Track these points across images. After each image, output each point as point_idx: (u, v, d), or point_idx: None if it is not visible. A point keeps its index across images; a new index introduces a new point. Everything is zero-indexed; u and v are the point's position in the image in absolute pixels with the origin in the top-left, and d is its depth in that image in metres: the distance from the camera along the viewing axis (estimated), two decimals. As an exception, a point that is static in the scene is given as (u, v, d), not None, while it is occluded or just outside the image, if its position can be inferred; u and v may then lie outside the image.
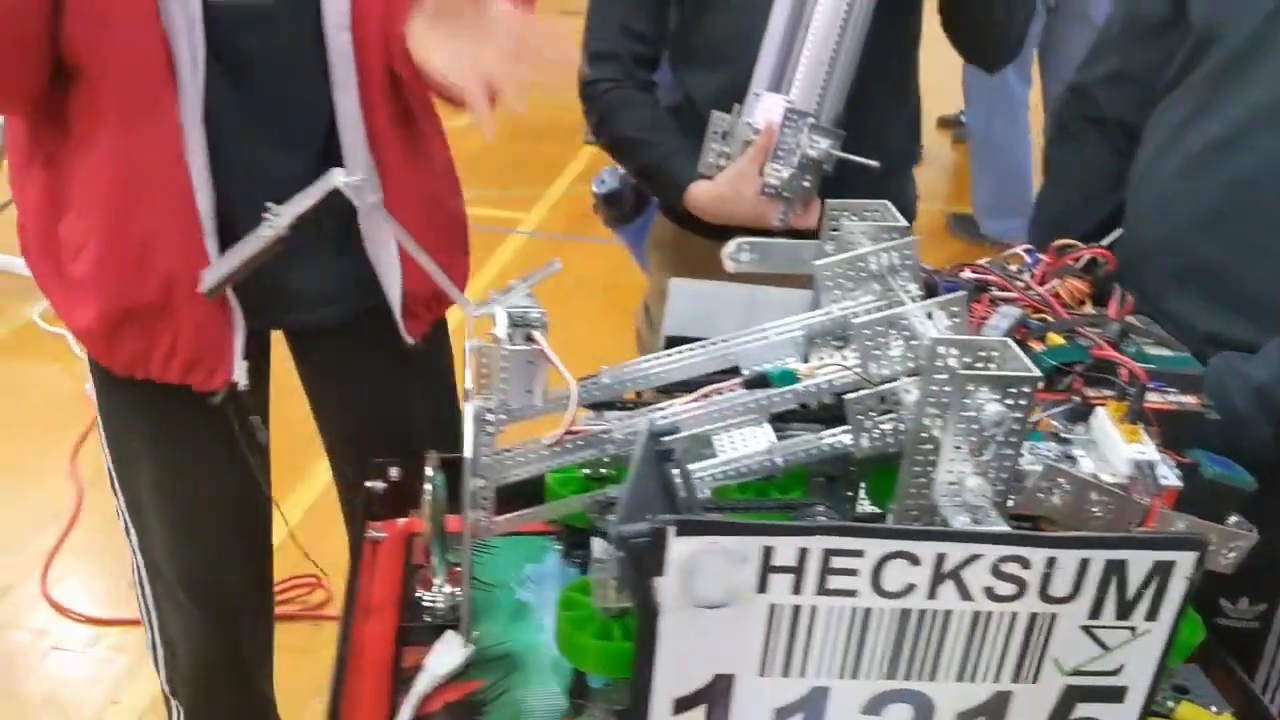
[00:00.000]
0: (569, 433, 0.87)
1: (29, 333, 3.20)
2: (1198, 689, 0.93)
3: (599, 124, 1.60)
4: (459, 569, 1.04)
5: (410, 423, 1.51)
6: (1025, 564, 0.68)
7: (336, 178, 0.80)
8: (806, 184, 1.41)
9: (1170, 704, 0.88)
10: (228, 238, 1.23)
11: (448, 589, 1.04)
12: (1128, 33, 1.33)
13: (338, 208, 1.27)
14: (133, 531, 1.49)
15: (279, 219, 0.82)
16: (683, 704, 0.71)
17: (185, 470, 1.42)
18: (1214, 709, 0.90)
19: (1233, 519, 0.85)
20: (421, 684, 0.96)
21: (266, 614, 1.68)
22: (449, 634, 1.00)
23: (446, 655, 0.98)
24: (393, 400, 1.49)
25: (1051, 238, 1.00)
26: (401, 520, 1.17)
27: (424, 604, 1.04)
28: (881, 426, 0.86)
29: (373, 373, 1.48)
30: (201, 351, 1.26)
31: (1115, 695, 0.73)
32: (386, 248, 1.32)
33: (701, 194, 1.47)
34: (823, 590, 0.68)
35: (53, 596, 2.34)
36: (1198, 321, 1.15)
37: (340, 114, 1.25)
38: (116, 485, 1.47)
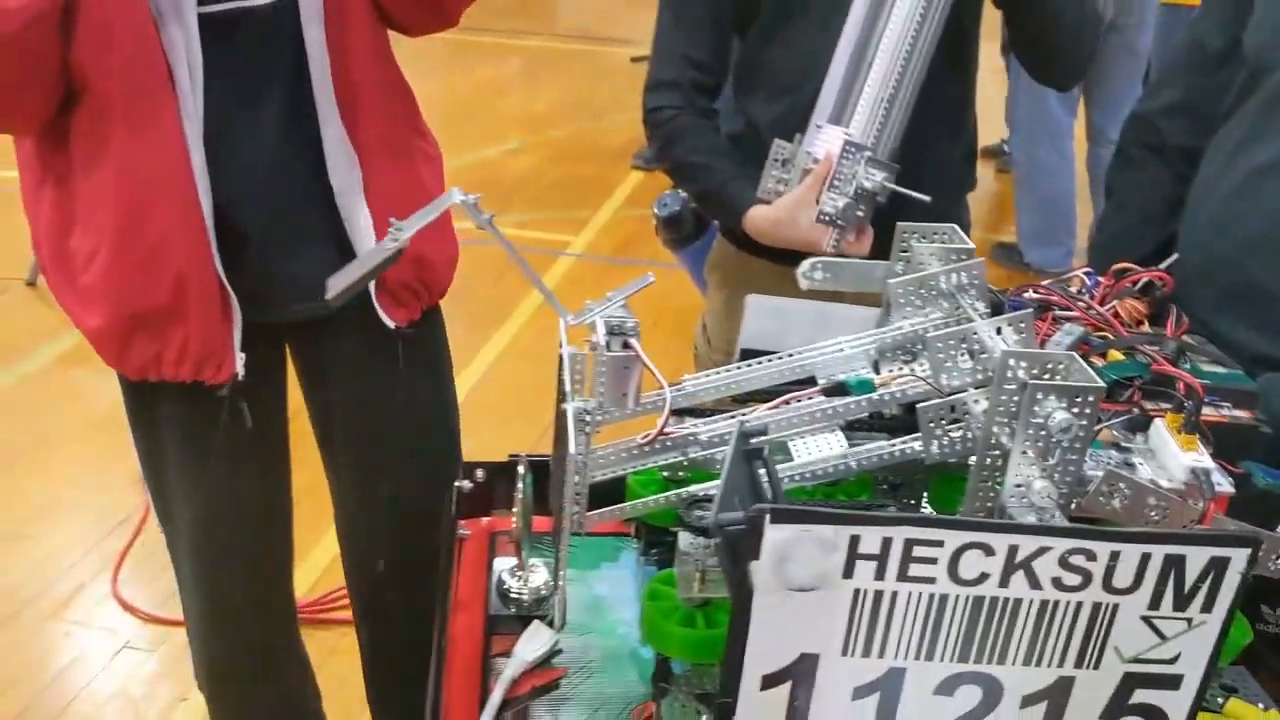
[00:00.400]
0: (661, 434, 0.94)
1: (94, 344, 3.32)
2: (1245, 689, 0.98)
3: (661, 149, 1.67)
4: (533, 564, 1.12)
5: (401, 409, 1.56)
6: (1091, 556, 0.73)
7: (455, 196, 0.87)
8: (860, 214, 1.47)
9: (1220, 700, 0.93)
10: (228, 236, 1.31)
11: (533, 582, 1.11)
12: (1188, 64, 1.40)
13: (322, 201, 1.35)
14: (162, 528, 1.56)
15: (402, 233, 0.90)
16: (770, 680, 0.77)
17: (201, 466, 1.48)
18: (1261, 706, 0.95)
19: (1282, 528, 0.91)
20: (511, 669, 1.03)
21: (287, 613, 1.74)
22: (536, 623, 1.06)
23: (534, 642, 1.05)
24: (384, 387, 1.54)
25: (1111, 260, 1.06)
26: (484, 519, 1.24)
27: (511, 596, 1.11)
28: (951, 434, 0.93)
29: (364, 359, 1.53)
30: (210, 347, 1.33)
31: (1172, 683, 0.78)
32: (366, 237, 1.38)
33: (759, 218, 1.54)
34: (904, 577, 0.74)
35: (123, 596, 2.42)
36: (1244, 342, 1.20)
37: (319, 109, 1.33)
38: (147, 485, 1.54)
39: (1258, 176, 1.23)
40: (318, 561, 2.49)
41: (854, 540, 0.73)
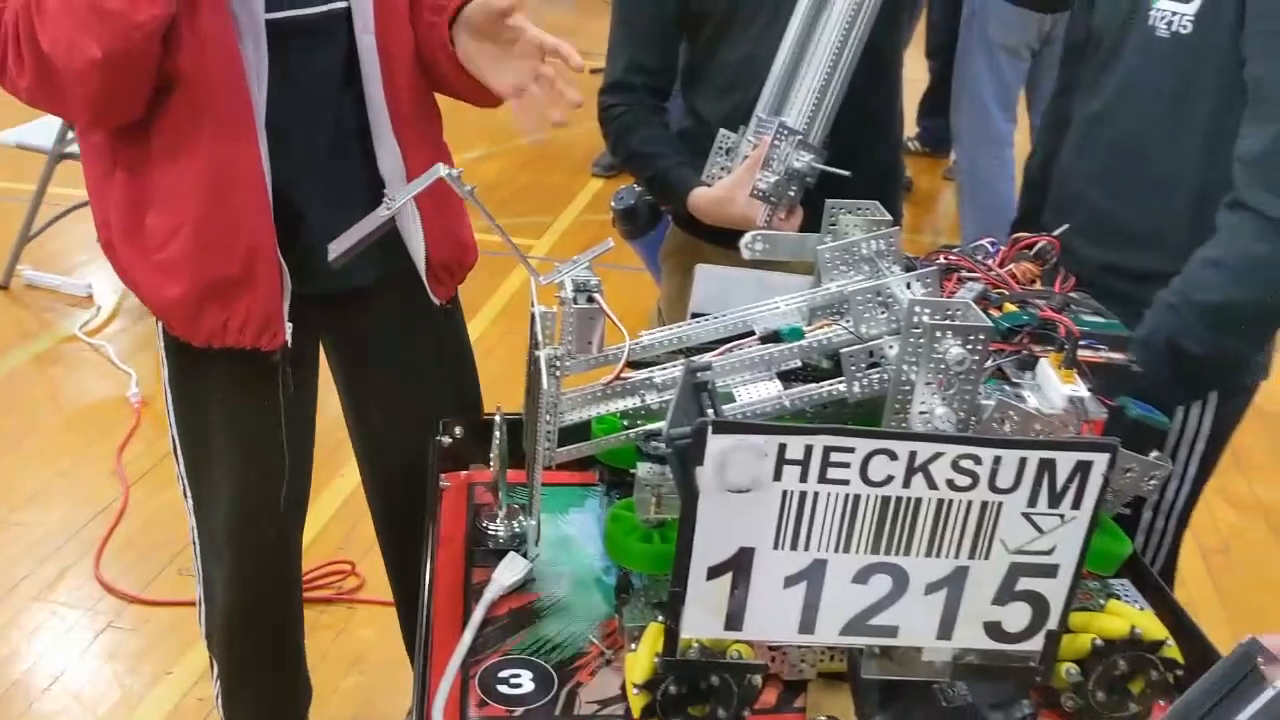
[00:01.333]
0: (618, 378, 1.08)
1: (72, 345, 3.42)
2: (1127, 596, 1.13)
3: (615, 142, 1.83)
4: (508, 507, 1.26)
5: (434, 373, 1.71)
6: (977, 460, 0.88)
7: (440, 170, 1.01)
8: (792, 193, 1.62)
9: (1102, 602, 1.08)
10: (283, 215, 1.45)
11: (508, 521, 1.24)
12: (1063, 58, 1.67)
13: (369, 188, 1.49)
14: (189, 493, 1.68)
15: (394, 201, 1.03)
16: (714, 571, 0.91)
17: (243, 429, 1.61)
18: (1138, 606, 1.10)
19: (1154, 454, 1.06)
20: (490, 592, 1.16)
21: (296, 569, 1.87)
22: (511, 554, 1.20)
23: (510, 570, 1.18)
24: (420, 353, 1.69)
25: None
26: (463, 473, 1.38)
27: (489, 533, 1.24)
28: (870, 376, 1.07)
29: (401, 329, 1.67)
30: (269, 316, 1.46)
31: (1049, 572, 0.93)
32: (412, 220, 1.53)
33: (701, 198, 1.69)
34: (823, 479, 0.88)
35: (105, 579, 2.52)
36: (1093, 257, 1.45)
37: (370, 106, 1.48)
38: (179, 449, 1.65)
39: (1093, 124, 1.50)
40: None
41: (781, 448, 0.87)
